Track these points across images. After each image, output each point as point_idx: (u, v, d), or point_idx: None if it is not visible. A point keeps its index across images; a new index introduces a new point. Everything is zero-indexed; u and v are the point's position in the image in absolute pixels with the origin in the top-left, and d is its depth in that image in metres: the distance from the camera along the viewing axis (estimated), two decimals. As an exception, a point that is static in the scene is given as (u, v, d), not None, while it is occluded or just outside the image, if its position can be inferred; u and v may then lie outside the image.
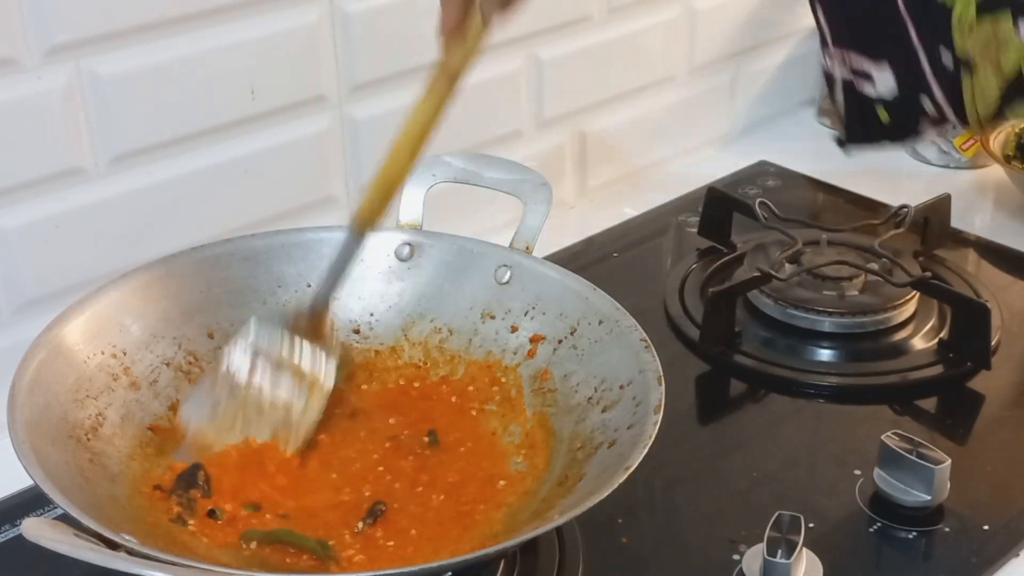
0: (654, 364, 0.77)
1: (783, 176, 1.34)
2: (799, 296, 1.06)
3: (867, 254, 1.10)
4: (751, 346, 1.04)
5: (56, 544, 0.59)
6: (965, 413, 0.98)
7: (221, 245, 0.88)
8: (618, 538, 0.83)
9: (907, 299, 1.06)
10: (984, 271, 1.17)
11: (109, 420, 0.77)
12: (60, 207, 0.92)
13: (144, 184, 0.96)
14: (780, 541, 0.76)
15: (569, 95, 1.23)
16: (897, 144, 0.72)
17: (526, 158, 0.94)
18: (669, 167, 1.36)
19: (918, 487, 0.84)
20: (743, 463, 0.91)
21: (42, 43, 0.88)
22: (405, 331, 0.90)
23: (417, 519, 0.76)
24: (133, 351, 0.81)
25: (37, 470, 0.66)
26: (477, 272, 0.89)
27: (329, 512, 0.76)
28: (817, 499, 0.87)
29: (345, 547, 0.73)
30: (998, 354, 1.02)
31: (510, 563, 0.79)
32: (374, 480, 0.79)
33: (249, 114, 1.00)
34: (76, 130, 0.91)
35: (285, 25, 1.00)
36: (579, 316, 0.84)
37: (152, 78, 0.94)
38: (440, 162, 0.92)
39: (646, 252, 1.21)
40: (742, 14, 1.37)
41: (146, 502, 0.74)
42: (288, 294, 0.89)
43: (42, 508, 0.83)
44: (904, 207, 1.13)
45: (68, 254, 0.94)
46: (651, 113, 1.33)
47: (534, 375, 0.85)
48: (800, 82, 1.49)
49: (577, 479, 0.74)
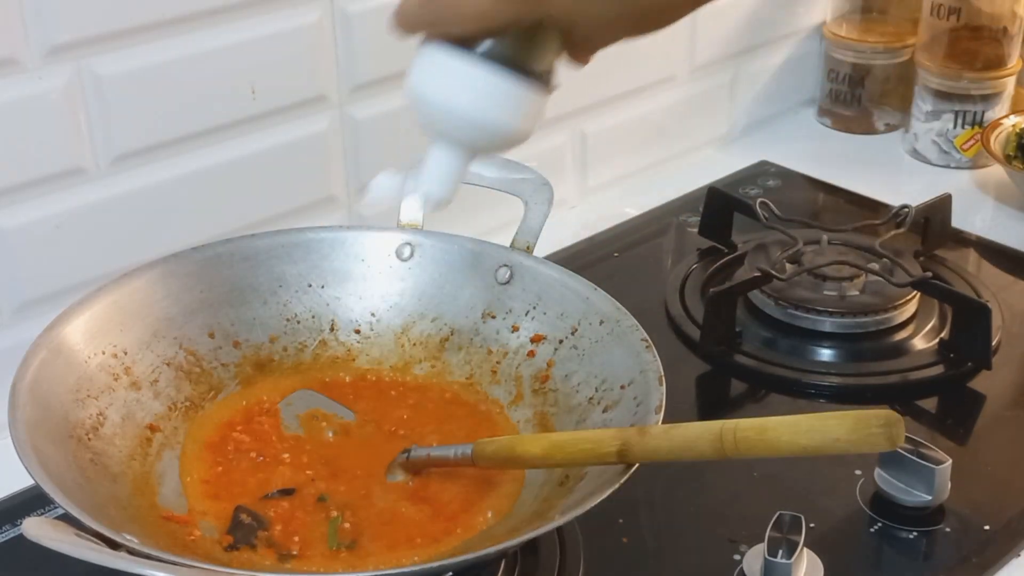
0: (655, 364, 0.77)
1: (783, 176, 1.34)
2: (800, 296, 1.06)
3: (868, 254, 1.10)
4: (752, 346, 1.04)
5: (57, 544, 0.59)
6: (966, 413, 0.98)
7: (221, 245, 0.88)
8: (618, 538, 0.83)
9: (908, 299, 1.06)
10: (985, 271, 1.17)
11: (110, 420, 0.77)
12: (61, 207, 0.92)
13: (144, 184, 0.96)
14: (781, 541, 0.76)
15: (569, 95, 1.23)
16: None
17: (526, 158, 0.94)
18: (669, 167, 1.36)
19: (919, 487, 0.84)
20: (743, 463, 0.91)
21: (43, 43, 0.88)
22: (406, 331, 0.90)
23: (413, 517, 0.76)
24: (134, 351, 0.81)
25: (38, 470, 0.66)
26: (478, 272, 0.89)
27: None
28: (818, 499, 0.87)
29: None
30: (999, 354, 1.02)
31: (511, 563, 0.79)
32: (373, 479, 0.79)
33: (249, 114, 1.00)
34: (77, 130, 0.91)
35: (285, 25, 1.00)
36: (580, 316, 0.84)
37: (152, 78, 0.94)
38: (441, 162, 0.92)
39: (647, 252, 1.21)
40: (742, 14, 1.37)
41: (147, 502, 0.74)
42: (289, 294, 0.89)
43: (43, 508, 0.83)
44: (905, 207, 1.13)
45: (68, 254, 0.94)
46: (651, 113, 1.33)
47: (535, 375, 0.85)
48: (800, 82, 1.49)
49: (577, 479, 0.74)
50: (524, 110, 0.65)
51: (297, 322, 0.89)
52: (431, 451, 0.79)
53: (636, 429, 0.70)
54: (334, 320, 0.90)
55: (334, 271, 0.90)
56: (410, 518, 0.76)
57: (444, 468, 0.79)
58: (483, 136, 0.66)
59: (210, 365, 0.85)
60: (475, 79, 0.63)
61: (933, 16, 1.36)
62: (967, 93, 1.35)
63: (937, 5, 1.35)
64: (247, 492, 0.78)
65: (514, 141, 0.67)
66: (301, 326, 0.89)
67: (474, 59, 0.63)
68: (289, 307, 0.89)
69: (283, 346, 0.88)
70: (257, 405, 0.85)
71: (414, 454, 0.79)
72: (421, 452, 0.79)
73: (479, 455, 0.75)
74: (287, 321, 0.89)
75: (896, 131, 1.46)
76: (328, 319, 0.90)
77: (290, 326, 0.89)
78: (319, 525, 0.75)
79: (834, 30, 1.45)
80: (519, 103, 0.64)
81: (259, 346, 0.88)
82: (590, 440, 0.71)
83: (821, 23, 1.46)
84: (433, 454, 0.78)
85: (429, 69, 0.65)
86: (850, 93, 1.45)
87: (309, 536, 0.74)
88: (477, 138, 0.66)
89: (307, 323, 0.89)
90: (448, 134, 0.67)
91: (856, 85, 1.44)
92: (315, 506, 0.77)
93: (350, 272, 0.90)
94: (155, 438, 0.79)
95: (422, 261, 0.90)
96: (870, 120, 1.46)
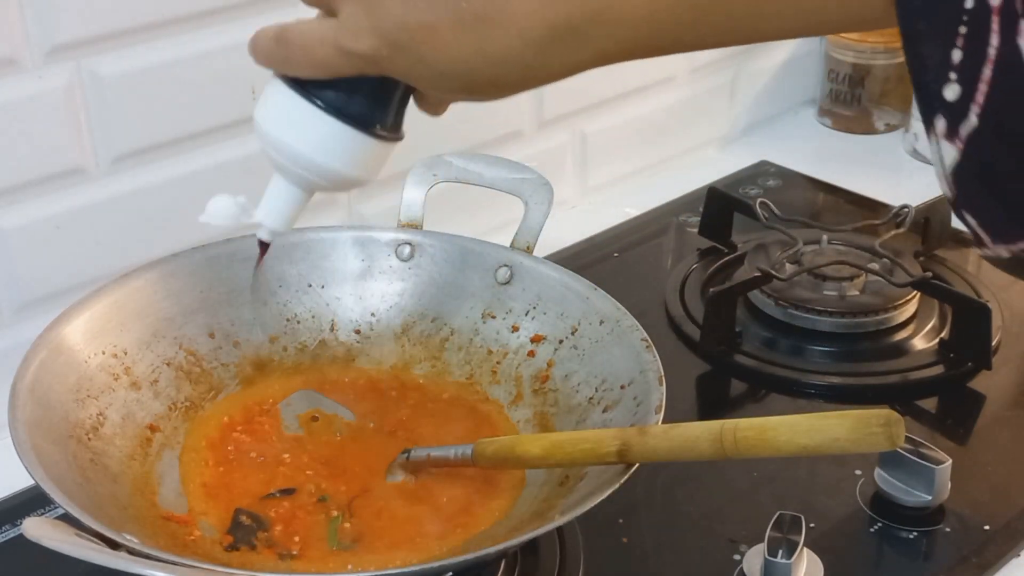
0: (655, 364, 0.77)
1: (783, 176, 1.34)
2: (800, 296, 1.06)
3: (868, 254, 1.10)
4: (752, 346, 1.04)
5: (57, 544, 0.59)
6: (966, 413, 0.98)
7: (221, 245, 0.88)
8: (619, 538, 0.83)
9: (908, 299, 1.06)
10: (985, 271, 1.17)
11: (110, 420, 0.77)
12: (61, 207, 0.92)
13: (144, 184, 0.96)
14: (781, 541, 0.76)
15: (569, 95, 1.23)
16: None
17: (526, 158, 0.94)
18: (669, 167, 1.36)
19: (919, 487, 0.84)
20: (743, 463, 0.91)
21: (43, 43, 0.88)
22: (406, 331, 0.90)
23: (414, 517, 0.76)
24: (134, 351, 0.81)
25: (38, 470, 0.66)
26: (478, 272, 0.89)
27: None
28: (818, 499, 0.87)
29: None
30: (999, 354, 1.02)
31: (511, 563, 0.79)
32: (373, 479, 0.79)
33: (249, 114, 0.99)
34: (77, 130, 0.91)
35: (286, 25, 1.00)
36: (580, 316, 0.84)
37: (152, 78, 0.94)
38: (441, 162, 0.92)
39: (647, 252, 1.21)
40: (742, 14, 1.37)
41: (147, 502, 0.74)
42: (289, 294, 0.89)
43: (43, 508, 0.83)
44: (905, 207, 1.13)
45: (69, 254, 0.94)
46: (651, 113, 1.33)
47: (535, 375, 0.85)
48: (800, 82, 1.49)
49: (578, 479, 0.74)
50: (362, 159, 0.65)
51: (297, 322, 0.89)
52: (431, 451, 0.79)
53: (636, 429, 0.70)
54: (334, 320, 0.90)
55: (334, 271, 0.90)
56: (410, 518, 0.76)
57: (444, 468, 0.79)
58: (319, 179, 0.66)
59: (210, 365, 0.85)
60: (315, 126, 0.64)
61: (933, 16, 1.35)
62: (967, 93, 1.35)
63: (937, 5, 1.35)
64: (247, 492, 0.78)
65: (353, 185, 0.68)
66: (301, 326, 0.89)
67: (316, 107, 0.63)
68: (289, 307, 0.89)
69: (283, 346, 0.88)
70: (257, 405, 0.85)
71: (414, 455, 0.79)
72: (421, 453, 0.79)
73: (479, 455, 0.75)
74: (287, 321, 0.89)
75: (896, 131, 1.46)
76: (328, 319, 0.90)
77: (290, 326, 0.89)
78: (319, 525, 0.75)
79: (834, 30, 1.44)
80: (357, 153, 0.65)
81: (259, 346, 0.88)
82: (590, 440, 0.71)
83: (821, 23, 1.46)
84: (433, 454, 0.78)
85: (274, 105, 0.65)
86: (850, 93, 1.45)
87: (309, 536, 0.74)
88: (313, 180, 0.67)
89: (307, 323, 0.89)
90: (286, 170, 0.67)
91: (856, 85, 1.44)
92: (315, 506, 0.77)
93: (350, 272, 0.90)
94: (155, 438, 0.79)
95: (422, 261, 0.91)
96: (870, 120, 1.46)
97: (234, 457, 0.80)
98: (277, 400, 0.85)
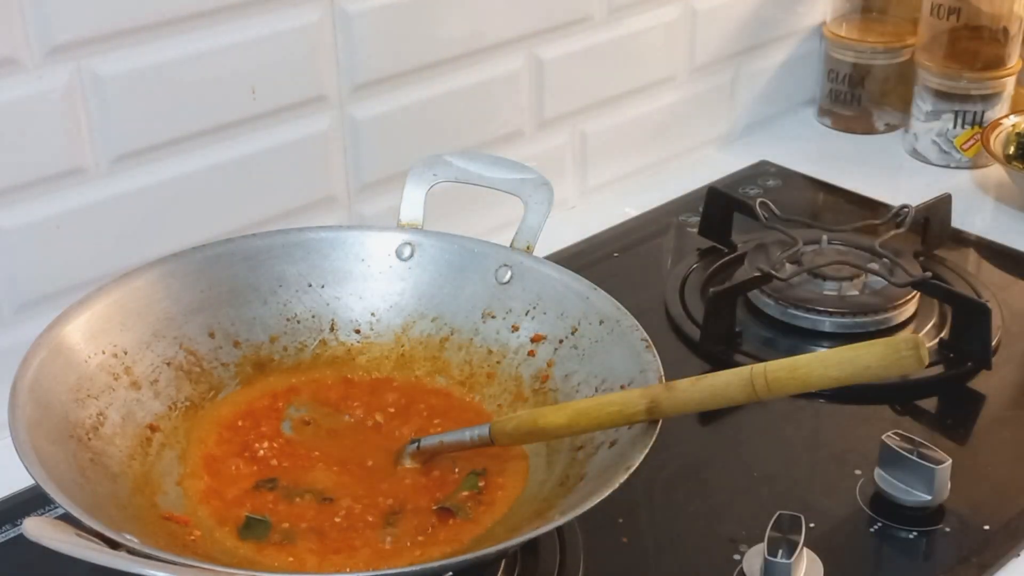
0: (655, 364, 0.77)
1: (783, 176, 1.35)
2: (800, 296, 1.06)
3: (868, 254, 1.10)
4: (752, 346, 1.04)
5: (57, 543, 0.59)
6: (965, 413, 0.98)
7: (222, 245, 0.88)
8: (619, 538, 0.83)
9: (908, 299, 1.06)
10: (984, 271, 1.17)
11: (110, 420, 0.77)
12: (61, 207, 0.92)
13: (144, 184, 0.96)
14: (781, 541, 0.76)
15: (569, 95, 1.23)
16: None
17: (526, 158, 0.94)
18: (669, 167, 1.36)
19: (918, 487, 0.84)
20: (743, 463, 0.91)
21: (43, 43, 0.88)
22: (406, 331, 0.90)
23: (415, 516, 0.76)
24: (134, 351, 0.81)
25: (38, 470, 0.66)
26: (478, 272, 0.89)
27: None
28: (817, 499, 0.87)
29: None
30: (998, 354, 1.02)
31: (511, 563, 0.79)
32: (379, 481, 0.79)
33: (249, 114, 1.01)
34: (77, 130, 0.91)
35: (285, 25, 1.00)
36: (580, 316, 0.84)
37: (152, 78, 0.94)
38: (441, 162, 0.92)
39: (647, 252, 1.21)
40: (742, 14, 1.37)
41: (147, 502, 0.74)
42: (289, 294, 0.89)
43: (43, 508, 0.83)
44: (904, 207, 1.13)
45: (69, 254, 0.94)
46: (651, 113, 1.33)
47: (535, 375, 0.85)
48: (800, 82, 1.49)
49: (578, 479, 0.74)
50: None
51: (297, 322, 0.89)
52: (443, 437, 0.78)
53: (663, 385, 0.70)
54: (334, 320, 0.90)
55: (334, 271, 0.90)
56: (411, 517, 0.76)
57: (460, 454, 0.78)
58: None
59: (210, 365, 0.85)
60: None
61: (933, 16, 1.36)
62: (967, 93, 1.35)
63: (937, 5, 1.35)
64: (247, 492, 0.78)
65: None
66: (301, 326, 0.89)
67: None
68: (289, 307, 0.89)
69: (283, 346, 0.88)
70: (257, 405, 0.85)
71: (424, 443, 0.79)
72: (432, 440, 0.78)
73: (499, 433, 0.75)
74: (287, 321, 0.89)
75: (896, 131, 1.46)
76: (328, 319, 0.90)
77: (290, 326, 0.89)
78: (319, 524, 0.75)
79: (834, 30, 1.45)
80: None
81: (259, 346, 0.88)
82: (616, 403, 0.71)
83: (821, 23, 1.46)
84: (446, 440, 0.78)
85: None
86: (850, 93, 1.45)
87: (309, 534, 0.74)
88: None
89: (307, 323, 0.89)
90: None
91: (856, 85, 1.44)
92: (315, 505, 0.77)
93: (350, 272, 0.90)
94: (155, 438, 0.79)
95: (422, 261, 0.91)
96: (870, 120, 1.46)
97: (234, 457, 0.80)
98: (277, 400, 0.85)
